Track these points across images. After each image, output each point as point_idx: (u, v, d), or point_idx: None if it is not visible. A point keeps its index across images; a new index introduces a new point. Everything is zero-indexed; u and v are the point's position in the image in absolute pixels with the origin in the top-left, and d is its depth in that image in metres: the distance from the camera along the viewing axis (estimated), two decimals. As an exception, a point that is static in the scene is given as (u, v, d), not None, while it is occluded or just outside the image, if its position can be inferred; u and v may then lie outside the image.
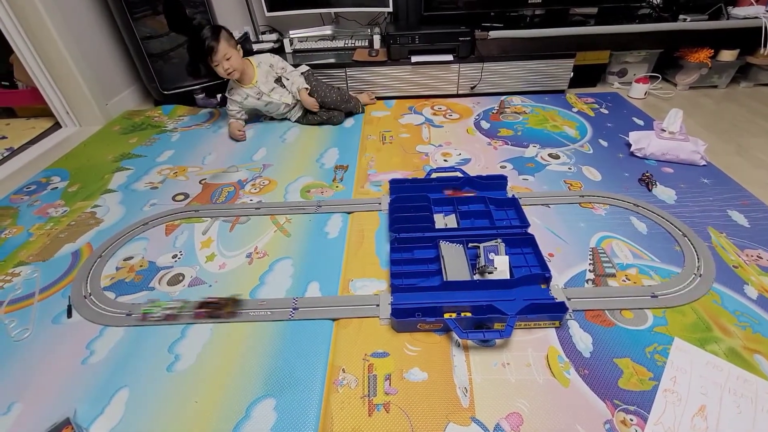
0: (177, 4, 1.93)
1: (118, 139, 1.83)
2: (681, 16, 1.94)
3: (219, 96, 2.12)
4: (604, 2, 2.02)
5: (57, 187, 1.49)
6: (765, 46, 1.89)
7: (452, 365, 0.84)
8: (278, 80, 1.79)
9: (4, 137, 1.95)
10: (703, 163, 1.44)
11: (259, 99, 1.76)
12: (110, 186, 1.48)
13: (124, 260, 1.14)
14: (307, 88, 1.77)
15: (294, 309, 0.96)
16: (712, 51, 1.97)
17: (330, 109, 1.83)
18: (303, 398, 0.78)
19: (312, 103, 1.77)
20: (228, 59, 1.60)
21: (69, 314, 0.99)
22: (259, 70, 1.74)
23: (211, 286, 1.05)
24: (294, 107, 1.86)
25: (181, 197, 1.40)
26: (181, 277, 1.08)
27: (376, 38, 2.09)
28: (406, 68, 2.00)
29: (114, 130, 1.93)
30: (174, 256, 1.15)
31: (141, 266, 1.12)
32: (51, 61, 1.81)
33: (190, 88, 2.12)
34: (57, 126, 2.01)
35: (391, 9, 2.05)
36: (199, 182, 1.48)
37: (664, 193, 1.31)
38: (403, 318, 0.89)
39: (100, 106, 1.98)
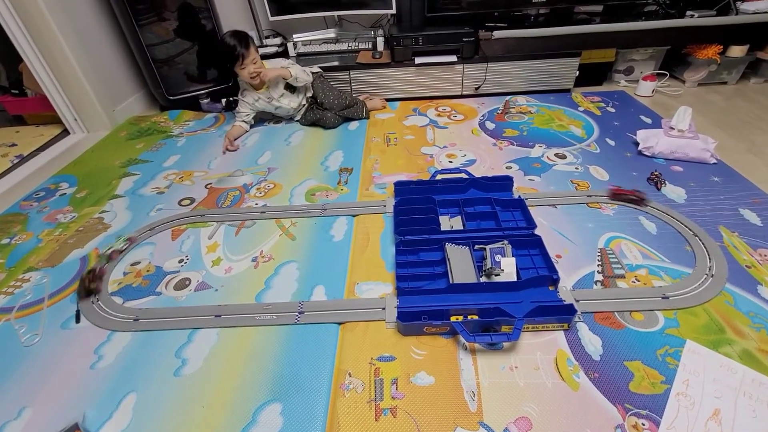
0: (191, 12, 1.95)
1: (125, 145, 1.85)
2: (688, 12, 1.92)
3: (224, 100, 2.13)
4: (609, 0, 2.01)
5: (65, 193, 1.51)
6: (775, 41, 1.86)
7: (459, 369, 0.83)
8: (287, 86, 1.81)
9: (13, 144, 1.98)
10: (714, 161, 1.41)
11: (269, 103, 1.80)
12: (117, 191, 1.50)
13: (132, 265, 1.15)
14: (291, 75, 1.70)
15: (300, 313, 0.96)
16: (721, 47, 1.94)
17: (324, 110, 1.83)
18: (309, 403, 0.78)
19: (269, 76, 1.69)
20: (255, 63, 1.67)
21: (77, 319, 1.00)
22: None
23: (217, 290, 1.05)
24: (301, 108, 1.88)
25: (187, 202, 1.41)
26: (187, 282, 1.08)
27: (380, 40, 2.09)
28: (410, 70, 2.00)
29: (121, 135, 1.95)
30: (180, 261, 1.15)
31: (148, 271, 1.12)
32: (59, 69, 1.83)
33: (195, 93, 2.13)
34: (65, 133, 2.03)
35: (394, 11, 2.05)
36: (205, 187, 1.49)
37: (673, 192, 1.29)
38: (410, 321, 0.89)
39: (108, 113, 2.01)
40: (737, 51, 1.95)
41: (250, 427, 0.75)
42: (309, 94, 1.87)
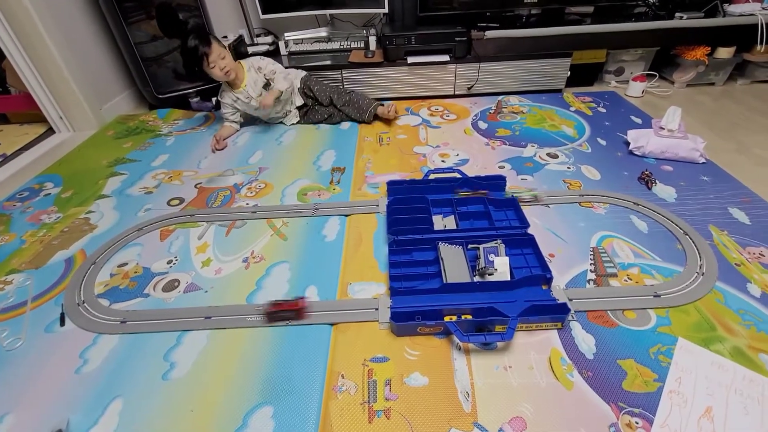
0: (169, 10, 1.91)
1: (113, 144, 1.81)
2: (677, 14, 1.94)
3: (214, 99, 2.10)
4: (599, 1, 2.02)
5: (50, 194, 1.47)
6: (761, 42, 1.89)
7: (453, 369, 0.82)
8: (267, 85, 1.73)
9: (-3, 143, 1.93)
10: (703, 160, 1.43)
11: (248, 103, 1.73)
12: (104, 191, 1.46)
13: (119, 267, 1.12)
14: (280, 92, 1.68)
15: (291, 314, 0.94)
16: (709, 48, 1.96)
17: (327, 107, 1.82)
18: (301, 405, 0.76)
19: (267, 104, 1.64)
20: (223, 58, 1.58)
21: (62, 322, 0.97)
22: (248, 74, 1.70)
23: (207, 291, 1.03)
24: (289, 113, 1.85)
25: (176, 202, 1.38)
26: (176, 283, 1.06)
27: (372, 39, 2.08)
28: (403, 69, 1.99)
29: (108, 134, 1.91)
30: (169, 262, 1.13)
31: (135, 272, 1.10)
32: (44, 66, 1.79)
33: (185, 91, 2.10)
34: (50, 131, 1.99)
35: (386, 10, 2.04)
36: (195, 186, 1.46)
37: (664, 191, 1.30)
38: (403, 322, 0.88)
39: (94, 111, 1.97)
40: (724, 53, 1.98)
41: (241, 431, 0.73)
42: (298, 104, 1.83)
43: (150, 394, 0.80)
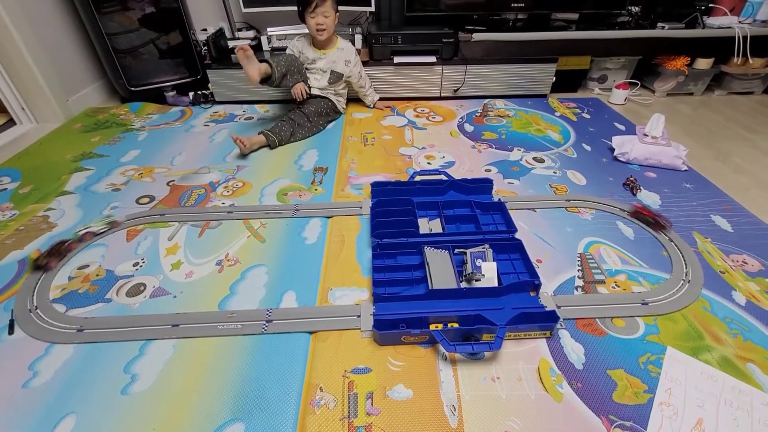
0: (157, 1, 1.81)
1: (79, 138, 1.70)
2: (659, 24, 1.97)
3: (191, 94, 2.01)
4: (584, 8, 2.04)
5: (6, 189, 1.36)
6: (738, 55, 1.94)
7: (439, 381, 0.78)
8: (338, 77, 1.75)
9: (-50, 134, 1.79)
10: (685, 168, 1.44)
11: (312, 64, 1.74)
12: (67, 188, 1.36)
13: (79, 269, 1.04)
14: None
15: (267, 321, 0.88)
16: (689, 59, 2.00)
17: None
18: (276, 422, 0.70)
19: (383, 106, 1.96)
20: (326, 17, 1.60)
21: (11, 330, 0.88)
22: (336, 51, 1.73)
23: (175, 297, 0.96)
24: (324, 92, 1.78)
25: (146, 200, 1.30)
26: (142, 287, 0.98)
27: (358, 38, 2.03)
28: (389, 69, 1.95)
29: (75, 128, 1.79)
30: (135, 264, 1.05)
31: (97, 275, 1.01)
32: (4, 52, 1.66)
33: (160, 85, 2.00)
34: (11, 123, 1.85)
35: (373, 8, 1.99)
36: (167, 184, 1.38)
37: (648, 197, 1.30)
38: (387, 330, 0.83)
39: (60, 102, 1.84)
40: (703, 63, 2.02)
41: (208, 451, 0.67)
42: (340, 91, 1.84)
43: (107, 411, 0.73)
